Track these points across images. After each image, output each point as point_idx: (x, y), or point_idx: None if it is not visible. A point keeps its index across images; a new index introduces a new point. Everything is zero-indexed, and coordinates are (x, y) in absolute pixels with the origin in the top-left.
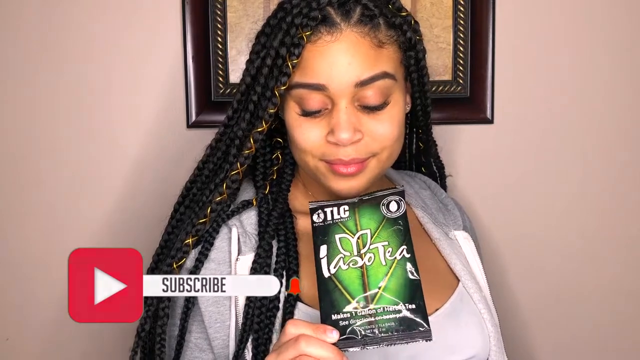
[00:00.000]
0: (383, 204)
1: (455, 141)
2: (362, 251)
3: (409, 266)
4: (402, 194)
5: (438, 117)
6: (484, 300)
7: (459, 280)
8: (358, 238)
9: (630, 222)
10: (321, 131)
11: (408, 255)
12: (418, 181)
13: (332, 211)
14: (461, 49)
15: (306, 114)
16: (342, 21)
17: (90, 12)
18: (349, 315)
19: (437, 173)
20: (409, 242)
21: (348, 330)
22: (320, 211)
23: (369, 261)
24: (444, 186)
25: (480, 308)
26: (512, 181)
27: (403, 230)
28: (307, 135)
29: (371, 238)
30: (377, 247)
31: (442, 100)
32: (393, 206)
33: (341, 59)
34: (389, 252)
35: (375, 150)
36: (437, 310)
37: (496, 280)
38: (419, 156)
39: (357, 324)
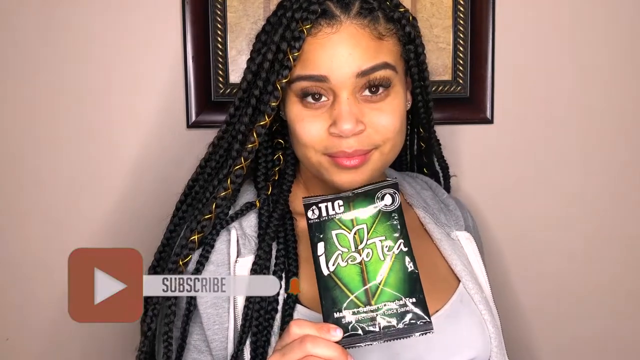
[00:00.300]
0: (377, 198)
1: (455, 141)
2: (360, 247)
3: (407, 260)
4: (395, 186)
5: (438, 117)
6: (485, 301)
7: (459, 281)
8: (355, 233)
9: (633, 221)
10: (323, 124)
11: (405, 249)
12: (419, 182)
13: (326, 207)
14: (461, 49)
15: (308, 96)
16: (342, 13)
17: (90, 12)
18: (350, 312)
19: (439, 173)
20: (406, 235)
21: (350, 327)
22: (314, 207)
23: (367, 257)
24: (447, 187)
25: (481, 309)
26: (512, 181)
27: (399, 224)
28: (309, 128)
29: (368, 233)
30: (375, 242)
31: (442, 100)
32: (388, 199)
33: (342, 50)
34: (386, 246)
35: (378, 142)
36: (437, 311)
37: (498, 280)
38: (420, 157)
39: (359, 321)
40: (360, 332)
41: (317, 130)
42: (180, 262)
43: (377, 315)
